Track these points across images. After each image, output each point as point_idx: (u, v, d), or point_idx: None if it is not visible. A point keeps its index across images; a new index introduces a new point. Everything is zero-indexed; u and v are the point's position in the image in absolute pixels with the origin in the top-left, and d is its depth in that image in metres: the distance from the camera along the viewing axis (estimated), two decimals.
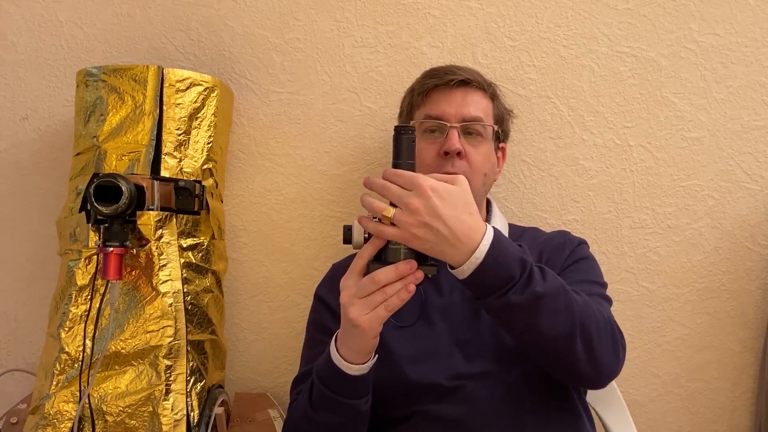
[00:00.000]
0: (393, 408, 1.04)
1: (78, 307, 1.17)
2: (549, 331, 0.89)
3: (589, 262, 1.13)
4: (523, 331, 0.91)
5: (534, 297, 0.87)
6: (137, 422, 1.13)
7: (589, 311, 0.94)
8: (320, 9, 1.43)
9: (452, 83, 1.15)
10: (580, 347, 0.91)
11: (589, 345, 0.92)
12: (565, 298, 0.91)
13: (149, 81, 1.23)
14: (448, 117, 1.13)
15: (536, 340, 0.92)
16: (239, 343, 1.47)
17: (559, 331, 0.90)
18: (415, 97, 1.19)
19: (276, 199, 1.45)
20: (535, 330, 0.89)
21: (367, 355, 0.91)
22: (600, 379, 0.97)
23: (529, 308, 0.88)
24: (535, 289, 0.87)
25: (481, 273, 0.85)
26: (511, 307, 0.87)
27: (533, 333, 0.90)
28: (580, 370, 0.93)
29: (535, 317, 0.88)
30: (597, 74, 1.41)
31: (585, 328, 0.92)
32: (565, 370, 0.96)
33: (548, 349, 0.93)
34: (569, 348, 0.91)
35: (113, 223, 1.12)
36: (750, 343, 1.43)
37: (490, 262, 0.84)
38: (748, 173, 1.41)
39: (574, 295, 0.92)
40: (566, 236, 1.17)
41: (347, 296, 0.87)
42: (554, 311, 0.89)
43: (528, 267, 0.87)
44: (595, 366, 0.94)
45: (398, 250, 0.85)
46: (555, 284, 0.91)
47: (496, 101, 1.20)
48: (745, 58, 1.39)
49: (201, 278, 1.25)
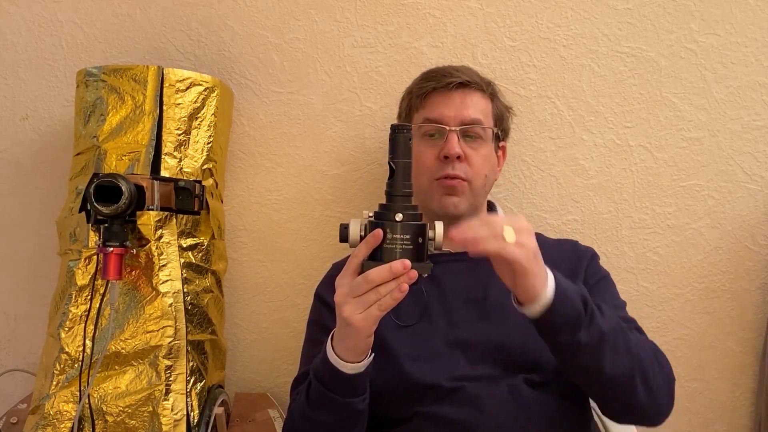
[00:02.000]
0: (393, 408, 1.03)
1: (78, 307, 1.17)
2: (612, 370, 0.90)
3: (609, 280, 1.13)
4: (588, 370, 0.91)
5: (599, 335, 0.88)
6: (137, 422, 1.13)
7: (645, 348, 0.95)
8: (320, 9, 1.43)
9: (451, 86, 1.14)
10: (640, 386, 0.92)
11: (647, 383, 0.93)
12: (623, 335, 0.92)
13: (149, 81, 1.23)
14: (447, 120, 1.12)
15: (601, 380, 0.92)
16: (239, 343, 1.47)
17: (621, 370, 0.91)
18: (413, 99, 1.18)
19: (276, 199, 1.45)
20: (599, 370, 0.90)
21: (363, 353, 0.91)
22: (659, 415, 0.98)
23: (595, 347, 0.89)
24: (599, 325, 0.89)
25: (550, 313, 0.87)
26: (579, 346, 0.88)
27: (598, 373, 0.91)
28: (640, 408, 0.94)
29: (600, 357, 0.89)
30: (597, 74, 1.41)
31: (643, 367, 0.93)
32: (627, 409, 0.96)
33: (610, 389, 0.93)
34: (631, 387, 0.92)
35: (113, 223, 1.12)
36: (750, 343, 1.43)
37: (558, 302, 0.87)
38: (748, 173, 1.41)
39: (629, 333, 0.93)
40: (578, 248, 1.16)
41: (341, 295, 0.87)
42: (615, 350, 0.90)
43: (589, 304, 0.89)
44: (653, 402, 0.94)
45: (392, 250, 0.85)
46: (612, 321, 0.91)
47: (496, 100, 1.20)
48: (745, 58, 1.39)
49: (201, 278, 1.25)
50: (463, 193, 1.11)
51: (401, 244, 0.85)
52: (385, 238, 0.85)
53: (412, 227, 0.86)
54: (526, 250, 0.85)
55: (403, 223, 0.85)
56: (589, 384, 0.96)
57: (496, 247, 0.84)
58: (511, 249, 0.84)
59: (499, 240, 0.84)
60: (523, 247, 0.85)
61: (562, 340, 0.89)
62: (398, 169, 0.88)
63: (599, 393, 0.97)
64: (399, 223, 0.85)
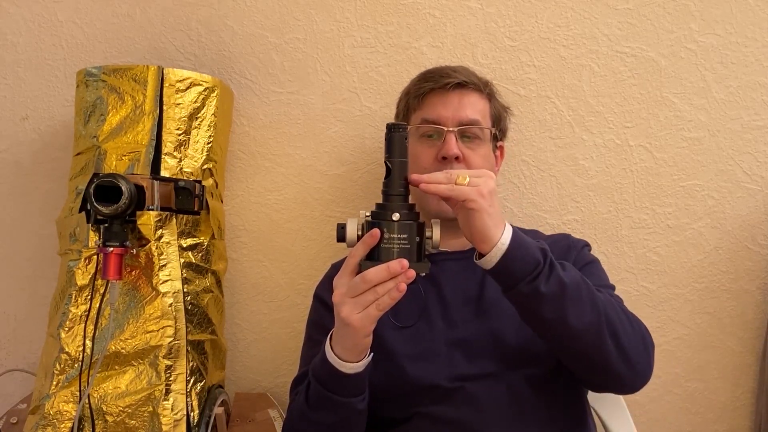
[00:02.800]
0: (393, 409, 1.04)
1: (78, 307, 1.17)
2: (577, 323, 0.90)
3: (596, 265, 1.13)
4: (551, 323, 0.91)
5: (560, 285, 0.89)
6: (137, 422, 1.13)
7: (612, 306, 0.95)
8: (320, 9, 1.43)
9: (448, 86, 1.14)
10: (610, 342, 0.92)
11: (618, 340, 0.93)
12: (587, 289, 0.93)
13: (149, 81, 1.23)
14: (445, 121, 1.12)
15: (565, 334, 0.92)
16: (239, 343, 1.47)
17: (586, 323, 0.90)
18: (410, 100, 1.18)
19: (276, 199, 1.45)
20: (563, 322, 0.90)
21: (361, 353, 0.91)
22: (635, 378, 0.97)
23: (557, 297, 0.89)
24: (559, 276, 0.90)
25: (508, 258, 0.88)
26: (540, 295, 0.88)
27: (562, 325, 0.90)
28: (613, 368, 0.93)
29: (562, 307, 0.89)
30: (597, 74, 1.41)
31: (611, 323, 0.93)
32: (599, 370, 0.96)
33: (578, 346, 0.93)
34: (598, 342, 0.92)
35: (113, 223, 1.12)
36: (750, 343, 1.43)
37: (515, 249, 0.88)
38: (748, 173, 1.41)
39: (594, 289, 0.94)
40: (569, 239, 1.17)
41: (339, 295, 0.87)
42: (579, 302, 0.91)
43: (548, 255, 0.90)
44: (627, 363, 0.94)
45: (390, 249, 0.85)
46: (575, 275, 0.92)
47: (493, 100, 1.20)
48: (745, 58, 1.39)
49: (201, 278, 1.25)
50: None
51: (399, 243, 0.85)
52: (382, 237, 0.85)
53: (409, 226, 0.86)
54: (479, 189, 0.87)
55: (400, 223, 0.85)
56: (556, 340, 0.95)
57: (447, 188, 0.87)
58: (462, 188, 0.87)
59: (451, 183, 0.88)
60: (477, 186, 0.87)
61: (522, 290, 0.89)
62: (395, 168, 0.88)
63: (568, 350, 0.95)
64: (396, 223, 0.85)
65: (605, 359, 0.93)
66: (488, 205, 0.87)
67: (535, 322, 0.94)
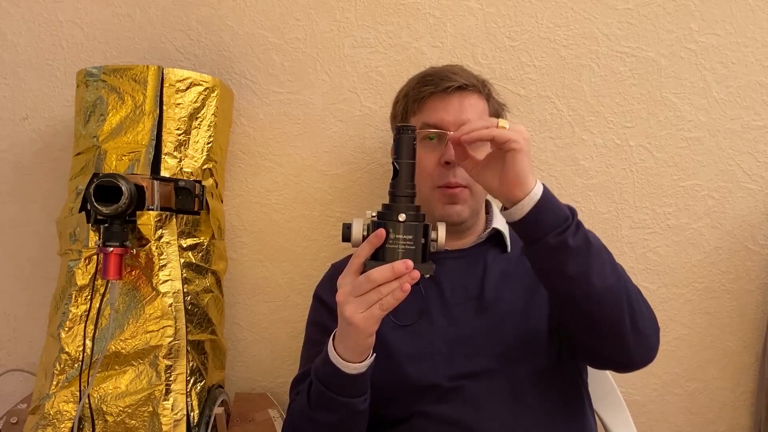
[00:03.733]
0: (393, 408, 1.04)
1: (78, 307, 1.17)
2: (599, 282, 0.90)
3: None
4: (574, 279, 0.90)
5: (587, 241, 0.90)
6: (137, 422, 1.13)
7: (630, 280, 0.95)
8: (320, 9, 1.43)
9: (449, 90, 1.12)
10: (626, 310, 0.92)
11: (633, 311, 0.93)
12: (610, 257, 0.94)
13: (149, 81, 1.23)
14: (447, 125, 1.10)
15: (586, 293, 0.91)
16: (239, 343, 1.47)
17: (607, 285, 0.91)
18: (410, 103, 1.16)
19: (276, 199, 1.45)
20: (586, 280, 0.90)
21: (364, 353, 0.91)
22: (643, 353, 0.97)
23: (583, 253, 0.90)
24: (586, 233, 0.91)
25: (540, 208, 0.89)
26: (568, 249, 0.89)
27: (586, 282, 0.90)
28: (625, 339, 0.93)
29: (587, 264, 0.90)
30: (597, 74, 1.41)
31: (629, 292, 0.93)
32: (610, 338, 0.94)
33: (595, 309, 0.92)
34: (616, 308, 0.91)
35: (113, 223, 1.12)
36: (750, 343, 1.43)
37: (547, 200, 0.90)
38: (748, 173, 1.41)
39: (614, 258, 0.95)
40: None
41: (343, 294, 0.87)
42: (602, 262, 0.91)
43: (575, 213, 0.92)
44: (638, 336, 0.93)
45: (395, 250, 0.85)
46: (598, 240, 0.94)
47: (491, 100, 1.19)
48: (745, 58, 1.39)
49: (201, 278, 1.25)
50: (465, 201, 1.10)
51: (404, 244, 0.85)
52: (387, 238, 0.85)
53: (414, 227, 0.86)
54: (521, 133, 0.90)
55: (406, 224, 0.86)
56: (573, 301, 0.93)
57: (490, 131, 0.91)
58: (506, 131, 0.90)
59: (493, 127, 0.91)
60: (518, 132, 0.90)
61: (550, 242, 0.89)
62: (402, 169, 0.88)
63: (583, 313, 0.93)
64: (402, 224, 0.86)
65: (619, 327, 0.92)
66: (528, 149, 0.90)
67: (557, 278, 0.93)
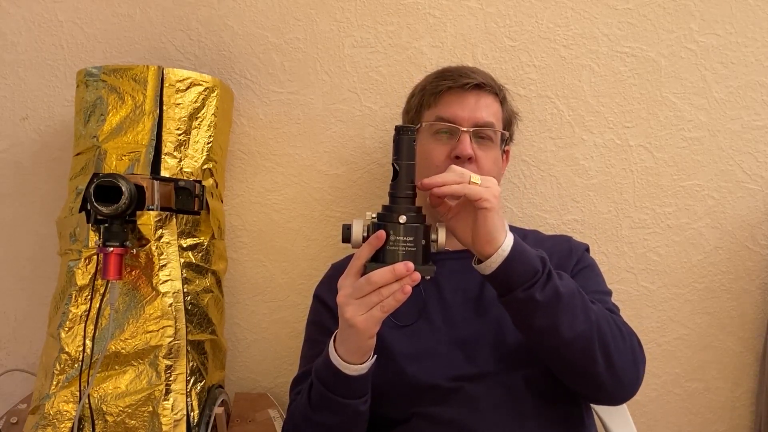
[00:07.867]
0: (392, 409, 1.03)
1: (78, 307, 1.17)
2: (568, 332, 0.90)
3: (594, 269, 1.13)
4: (543, 331, 0.91)
5: (555, 294, 0.90)
6: (137, 422, 1.13)
7: (606, 318, 0.95)
8: (320, 9, 1.43)
9: (466, 86, 1.13)
10: (599, 354, 0.92)
11: (607, 352, 0.93)
12: (581, 300, 0.93)
13: (149, 81, 1.23)
14: (461, 121, 1.11)
15: (556, 344, 0.92)
16: (239, 343, 1.47)
17: (577, 333, 0.91)
18: (426, 97, 1.16)
19: (276, 199, 1.45)
20: (555, 331, 0.90)
21: (365, 355, 0.91)
22: (621, 391, 0.98)
23: (551, 306, 0.90)
24: (555, 285, 0.90)
25: (509, 263, 0.89)
26: (535, 303, 0.89)
27: (553, 334, 0.91)
28: (599, 379, 0.94)
29: (555, 316, 0.90)
30: (597, 74, 1.41)
31: (603, 335, 0.93)
32: (585, 380, 0.96)
33: (568, 355, 0.93)
34: (588, 353, 0.92)
35: (113, 223, 1.12)
36: (750, 343, 1.43)
37: (516, 255, 0.89)
38: (748, 173, 1.41)
39: (588, 301, 0.94)
40: (570, 242, 1.16)
41: (343, 296, 0.87)
42: (573, 312, 0.91)
43: (547, 264, 0.91)
44: (614, 376, 0.94)
45: (395, 252, 0.85)
46: (571, 285, 0.93)
47: (506, 104, 1.19)
48: (745, 58, 1.39)
49: (201, 278, 1.25)
50: None
51: (404, 245, 0.85)
52: (388, 239, 0.85)
53: (415, 229, 0.86)
54: (491, 190, 0.88)
55: (406, 225, 0.85)
56: (546, 348, 0.95)
57: (461, 187, 0.88)
58: (477, 188, 0.88)
59: (465, 182, 0.88)
60: (489, 188, 0.88)
61: (518, 296, 0.89)
62: (402, 170, 0.88)
63: (557, 358, 0.96)
64: (402, 225, 0.85)
65: (593, 370, 0.93)
66: (499, 206, 0.89)
67: (527, 328, 0.94)
